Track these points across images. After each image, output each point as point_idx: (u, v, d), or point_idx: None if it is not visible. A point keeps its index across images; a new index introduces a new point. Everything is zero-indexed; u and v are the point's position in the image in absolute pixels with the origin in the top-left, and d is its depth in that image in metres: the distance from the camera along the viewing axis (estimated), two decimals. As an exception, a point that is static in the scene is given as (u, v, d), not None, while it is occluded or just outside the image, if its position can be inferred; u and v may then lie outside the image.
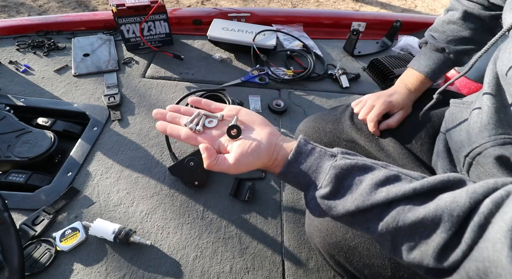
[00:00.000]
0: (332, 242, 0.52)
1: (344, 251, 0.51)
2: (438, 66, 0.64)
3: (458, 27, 0.63)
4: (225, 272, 0.66)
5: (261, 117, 0.44)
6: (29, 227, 0.67)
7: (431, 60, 0.65)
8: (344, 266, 0.53)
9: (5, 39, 1.17)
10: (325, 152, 0.38)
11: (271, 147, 0.40)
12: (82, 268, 0.64)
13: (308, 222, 0.58)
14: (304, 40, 1.26)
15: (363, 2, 3.11)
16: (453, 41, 0.63)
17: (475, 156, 0.46)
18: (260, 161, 0.39)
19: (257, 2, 3.06)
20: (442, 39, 0.64)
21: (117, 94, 0.99)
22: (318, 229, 0.54)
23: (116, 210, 0.73)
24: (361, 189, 0.34)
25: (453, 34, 0.63)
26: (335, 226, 0.52)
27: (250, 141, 0.40)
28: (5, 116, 0.84)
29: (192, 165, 0.76)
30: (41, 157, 0.78)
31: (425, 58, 0.66)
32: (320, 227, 0.54)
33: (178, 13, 1.32)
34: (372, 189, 0.34)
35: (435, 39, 0.65)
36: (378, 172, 0.35)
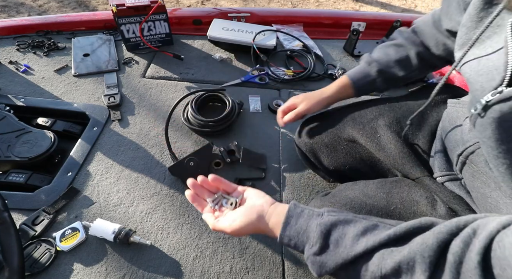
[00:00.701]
0: None
1: None
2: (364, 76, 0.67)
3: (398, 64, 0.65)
4: (225, 272, 0.66)
5: (262, 194, 0.50)
6: (29, 227, 0.67)
7: (361, 71, 0.68)
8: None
9: (5, 39, 1.17)
10: (313, 212, 0.42)
11: (263, 212, 0.46)
12: (82, 268, 0.64)
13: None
14: (304, 40, 1.26)
15: (363, 2, 3.11)
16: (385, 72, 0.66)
17: (468, 155, 0.47)
18: (252, 223, 0.45)
19: (257, 2, 3.06)
20: (381, 63, 0.66)
21: (117, 94, 0.99)
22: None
23: (116, 210, 0.73)
24: (345, 242, 0.37)
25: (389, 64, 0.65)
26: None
27: (243, 209, 0.48)
28: (5, 116, 0.84)
29: (192, 165, 0.76)
30: (41, 157, 0.78)
31: (358, 67, 0.70)
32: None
33: (178, 13, 1.32)
34: (354, 240, 0.36)
35: (375, 59, 0.67)
36: (359, 224, 0.38)
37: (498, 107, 0.35)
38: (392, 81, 0.68)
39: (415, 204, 0.52)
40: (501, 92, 0.35)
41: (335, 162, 0.69)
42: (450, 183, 0.53)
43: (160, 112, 0.97)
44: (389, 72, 0.65)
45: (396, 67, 0.64)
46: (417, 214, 0.51)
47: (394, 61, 0.64)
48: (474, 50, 0.41)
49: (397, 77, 0.66)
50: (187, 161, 0.76)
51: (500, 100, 0.35)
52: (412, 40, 0.65)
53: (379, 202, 0.53)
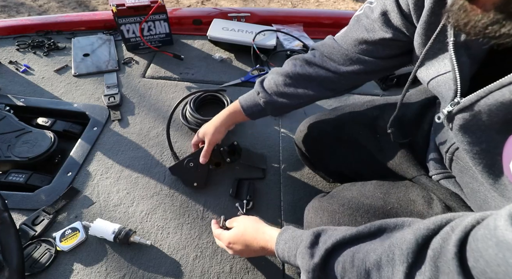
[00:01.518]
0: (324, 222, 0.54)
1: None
2: (253, 100, 0.67)
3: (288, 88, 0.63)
4: (225, 272, 0.66)
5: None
6: (29, 227, 0.67)
7: (251, 98, 0.68)
8: None
9: (5, 39, 1.17)
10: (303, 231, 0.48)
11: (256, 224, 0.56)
12: (82, 268, 0.64)
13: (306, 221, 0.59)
14: (304, 40, 1.26)
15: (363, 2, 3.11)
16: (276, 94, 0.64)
17: (454, 151, 0.48)
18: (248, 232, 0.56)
19: (257, 2, 3.06)
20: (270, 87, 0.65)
21: (117, 94, 0.99)
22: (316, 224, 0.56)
23: (116, 210, 0.73)
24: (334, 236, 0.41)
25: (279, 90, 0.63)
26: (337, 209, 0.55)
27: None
28: (5, 116, 0.84)
29: (191, 166, 0.76)
30: (41, 157, 0.78)
31: (249, 93, 0.69)
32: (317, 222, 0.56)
33: (178, 13, 1.32)
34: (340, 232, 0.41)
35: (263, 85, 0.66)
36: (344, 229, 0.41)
37: (460, 116, 0.37)
38: (282, 110, 0.68)
39: (411, 204, 0.52)
40: (459, 103, 0.37)
41: (335, 162, 0.69)
42: (445, 181, 0.53)
43: (160, 112, 0.97)
44: (277, 102, 0.64)
45: (283, 97, 0.63)
46: (413, 213, 0.51)
47: (281, 92, 0.62)
48: (430, 68, 0.43)
49: (286, 106, 0.65)
50: (187, 162, 0.76)
51: (460, 109, 0.37)
52: (303, 70, 0.61)
53: (376, 202, 0.53)
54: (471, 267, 0.27)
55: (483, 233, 0.27)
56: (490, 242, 0.26)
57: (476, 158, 0.38)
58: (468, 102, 0.36)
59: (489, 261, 0.26)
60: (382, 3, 0.49)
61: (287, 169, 0.84)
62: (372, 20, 0.51)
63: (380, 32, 0.51)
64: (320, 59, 0.60)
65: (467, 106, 0.36)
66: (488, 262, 0.26)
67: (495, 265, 0.25)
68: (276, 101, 0.64)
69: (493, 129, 0.35)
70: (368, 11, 0.52)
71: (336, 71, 0.58)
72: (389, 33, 0.50)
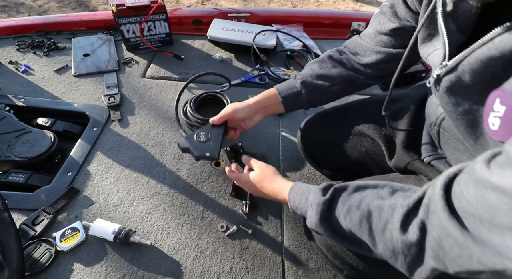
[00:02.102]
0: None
1: None
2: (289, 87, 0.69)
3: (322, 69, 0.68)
4: (225, 272, 0.66)
5: None
6: (29, 227, 0.67)
7: (287, 83, 0.70)
8: (341, 258, 0.55)
9: (5, 39, 1.17)
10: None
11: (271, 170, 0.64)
12: (82, 268, 0.64)
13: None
14: (304, 40, 1.26)
15: (363, 2, 3.11)
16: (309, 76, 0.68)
17: (440, 123, 0.51)
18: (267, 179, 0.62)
19: (257, 2, 3.06)
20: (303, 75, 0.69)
21: (117, 94, 0.99)
22: None
23: (116, 210, 0.73)
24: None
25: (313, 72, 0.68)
26: None
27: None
28: (5, 116, 0.84)
29: (203, 139, 0.70)
30: (41, 157, 0.78)
31: (286, 81, 0.72)
32: None
33: (178, 13, 1.32)
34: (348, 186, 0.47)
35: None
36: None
37: (447, 78, 0.41)
38: (317, 94, 0.68)
39: None
40: (446, 65, 0.41)
41: (341, 157, 0.70)
42: (436, 162, 0.56)
43: (160, 112, 0.97)
44: (313, 83, 0.67)
45: (319, 79, 0.67)
46: None
47: (317, 74, 0.67)
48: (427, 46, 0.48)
49: (321, 89, 0.67)
50: (198, 134, 0.71)
51: (447, 71, 0.41)
52: (338, 55, 0.68)
53: None
54: (457, 208, 0.31)
55: (464, 178, 0.32)
56: (470, 184, 0.30)
57: (459, 119, 0.41)
58: (454, 63, 0.39)
59: (470, 200, 0.29)
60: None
61: (287, 169, 0.84)
62: (383, 14, 0.59)
63: (389, 23, 0.58)
64: (348, 52, 0.68)
65: (453, 67, 0.39)
66: (469, 201, 0.29)
67: (474, 202, 0.29)
68: (312, 82, 0.67)
69: (475, 91, 0.38)
70: (382, 7, 0.60)
71: (360, 62, 0.65)
72: (396, 23, 0.57)
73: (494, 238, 0.27)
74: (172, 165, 0.83)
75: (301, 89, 0.67)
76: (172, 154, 0.86)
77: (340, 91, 0.70)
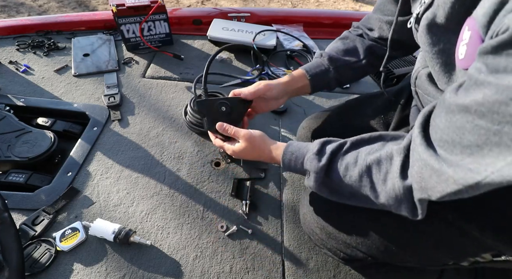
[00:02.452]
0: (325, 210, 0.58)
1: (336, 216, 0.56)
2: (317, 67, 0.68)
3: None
4: (225, 272, 0.66)
5: None
6: (29, 227, 0.67)
7: (314, 62, 0.69)
8: (336, 237, 0.55)
9: (5, 39, 1.17)
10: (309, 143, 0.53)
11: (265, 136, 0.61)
12: (82, 268, 0.64)
13: (304, 211, 0.61)
14: (304, 40, 1.26)
15: (363, 2, 3.11)
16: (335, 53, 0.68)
17: (415, 82, 0.53)
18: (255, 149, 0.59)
19: (257, 2, 3.06)
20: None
21: (117, 94, 0.99)
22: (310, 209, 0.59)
23: (116, 210, 0.73)
24: (336, 144, 0.48)
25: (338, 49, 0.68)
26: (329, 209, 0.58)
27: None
28: (5, 116, 0.84)
29: (223, 110, 0.65)
30: (41, 157, 0.78)
31: (312, 61, 0.71)
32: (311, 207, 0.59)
33: (178, 13, 1.32)
34: (341, 142, 0.48)
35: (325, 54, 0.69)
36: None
37: (425, 15, 0.42)
38: (344, 70, 0.67)
39: None
40: (424, 2, 0.43)
41: None
42: None
43: (160, 112, 0.97)
44: (340, 59, 0.67)
45: (345, 55, 0.67)
46: None
47: (342, 50, 0.67)
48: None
49: (348, 65, 0.67)
50: (219, 104, 0.65)
51: (425, 9, 0.42)
52: (356, 32, 0.70)
53: None
54: (433, 139, 0.34)
55: (437, 110, 0.34)
56: (442, 113, 0.32)
57: (435, 58, 0.42)
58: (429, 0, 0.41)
59: (443, 128, 0.32)
60: None
61: (287, 169, 0.85)
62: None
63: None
64: (363, 27, 0.69)
65: (429, 4, 0.42)
66: (442, 129, 0.32)
67: (446, 129, 0.31)
68: (340, 58, 0.66)
69: (450, 30, 0.39)
70: None
71: (375, 36, 0.66)
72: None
73: (465, 158, 0.29)
74: (172, 165, 0.83)
75: (328, 66, 0.66)
76: (172, 154, 0.86)
77: (367, 66, 0.68)
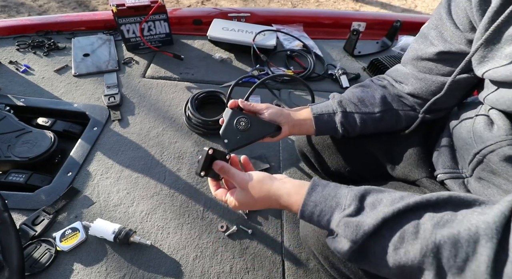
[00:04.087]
0: (326, 243, 0.50)
1: None
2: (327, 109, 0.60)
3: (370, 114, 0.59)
4: (225, 272, 0.66)
5: None
6: (29, 227, 0.67)
7: (324, 102, 0.62)
8: (338, 269, 0.52)
9: (5, 39, 1.17)
10: (340, 185, 0.42)
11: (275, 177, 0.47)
12: (82, 268, 0.64)
13: (303, 224, 0.57)
14: (304, 40, 1.26)
15: (363, 2, 3.11)
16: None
17: (487, 154, 0.45)
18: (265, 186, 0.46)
19: (257, 2, 3.05)
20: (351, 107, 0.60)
21: (117, 94, 0.99)
22: (312, 229, 0.53)
23: (116, 210, 0.73)
24: (383, 203, 0.36)
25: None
26: None
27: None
28: (5, 116, 0.84)
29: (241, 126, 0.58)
30: (41, 157, 0.78)
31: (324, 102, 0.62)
32: (314, 227, 0.53)
33: (178, 13, 1.32)
34: (393, 202, 0.36)
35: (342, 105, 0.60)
36: (392, 193, 0.38)
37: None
38: (353, 119, 0.59)
39: None
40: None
41: (336, 164, 0.69)
42: (451, 181, 0.52)
43: (160, 112, 0.97)
44: (351, 105, 0.59)
45: (359, 102, 0.59)
46: None
47: (357, 97, 0.59)
48: (492, 62, 0.42)
49: (360, 113, 0.58)
50: (240, 119, 0.58)
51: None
52: (380, 81, 0.62)
53: None
54: None
55: None
56: None
57: None
58: None
59: None
60: (434, 18, 0.51)
61: (287, 169, 0.84)
62: (424, 37, 0.53)
63: (432, 47, 0.51)
64: (390, 79, 0.61)
65: None
66: None
67: None
68: (351, 104, 0.59)
69: None
70: (423, 29, 0.54)
71: (403, 90, 0.58)
72: (440, 46, 0.50)
73: None
74: (172, 165, 0.83)
75: (336, 109, 0.58)
76: (172, 154, 0.86)
77: (380, 121, 0.59)
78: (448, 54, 0.50)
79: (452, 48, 0.49)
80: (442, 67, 0.52)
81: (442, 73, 0.52)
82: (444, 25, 0.49)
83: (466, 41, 0.47)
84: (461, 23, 0.47)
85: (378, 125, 0.59)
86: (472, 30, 0.46)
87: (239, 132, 0.58)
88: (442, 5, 0.50)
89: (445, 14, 0.49)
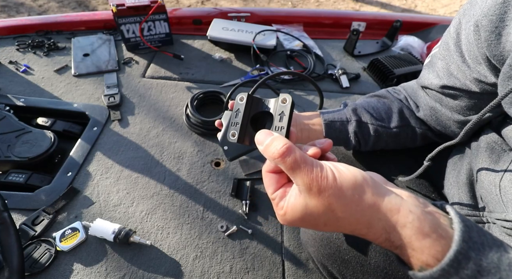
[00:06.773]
0: (326, 253, 0.50)
1: (337, 263, 0.49)
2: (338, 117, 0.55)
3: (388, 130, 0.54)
4: (225, 272, 0.66)
5: None
6: (29, 227, 0.67)
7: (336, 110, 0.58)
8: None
9: (5, 39, 1.17)
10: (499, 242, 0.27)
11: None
12: (82, 268, 0.64)
13: (303, 230, 0.56)
14: (304, 40, 1.26)
15: (363, 2, 3.11)
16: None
17: None
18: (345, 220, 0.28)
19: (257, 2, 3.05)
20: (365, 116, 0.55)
21: (117, 94, 0.99)
22: (313, 238, 0.52)
23: (116, 210, 0.73)
24: None
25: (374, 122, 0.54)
26: (330, 237, 0.50)
27: None
28: (5, 116, 0.84)
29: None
30: (41, 157, 0.78)
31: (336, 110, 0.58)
32: (315, 236, 0.51)
33: (178, 13, 1.32)
34: None
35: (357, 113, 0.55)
36: None
37: None
38: (368, 130, 0.54)
39: None
40: None
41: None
42: None
43: (160, 112, 0.97)
44: (366, 115, 0.55)
45: (375, 113, 0.54)
46: None
47: (373, 108, 0.55)
48: None
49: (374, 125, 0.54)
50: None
51: None
52: (397, 94, 0.58)
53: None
54: None
55: None
56: None
57: None
58: None
59: None
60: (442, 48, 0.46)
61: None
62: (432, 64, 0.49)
63: (437, 79, 0.48)
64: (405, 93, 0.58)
65: None
66: None
67: None
68: (362, 112, 0.54)
69: None
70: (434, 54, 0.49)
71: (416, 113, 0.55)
72: (445, 79, 0.46)
73: None
74: (172, 165, 0.83)
75: (350, 117, 0.54)
76: (172, 154, 0.86)
77: (396, 137, 0.54)
78: (453, 89, 0.46)
79: (456, 84, 0.45)
80: (448, 100, 0.49)
81: (450, 107, 0.49)
82: (451, 58, 0.45)
83: (472, 78, 0.43)
84: (470, 56, 0.41)
85: (392, 141, 0.55)
86: (481, 64, 0.40)
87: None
88: (450, 35, 0.45)
89: (453, 45, 0.44)
